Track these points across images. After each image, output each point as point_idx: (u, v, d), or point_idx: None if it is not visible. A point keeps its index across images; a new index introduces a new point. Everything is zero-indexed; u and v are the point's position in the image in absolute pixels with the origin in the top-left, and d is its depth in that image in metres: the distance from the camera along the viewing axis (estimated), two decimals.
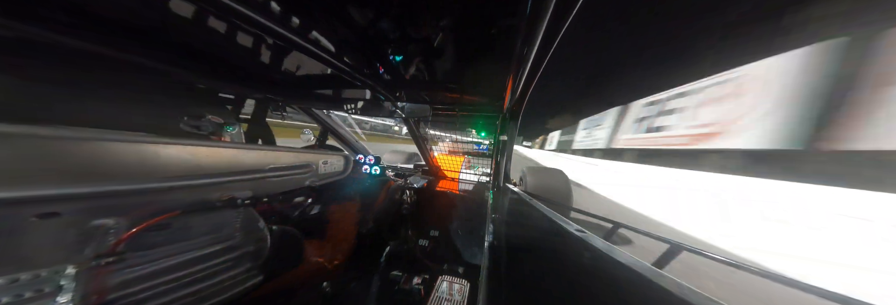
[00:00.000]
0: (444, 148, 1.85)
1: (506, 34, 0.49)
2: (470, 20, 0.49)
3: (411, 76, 0.84)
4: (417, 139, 1.68)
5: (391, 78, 0.86)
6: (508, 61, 0.58)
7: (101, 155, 0.33)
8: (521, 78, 0.68)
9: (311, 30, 0.53)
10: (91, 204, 0.32)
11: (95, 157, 0.32)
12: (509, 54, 0.55)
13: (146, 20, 0.47)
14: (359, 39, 0.58)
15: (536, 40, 0.47)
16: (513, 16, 0.43)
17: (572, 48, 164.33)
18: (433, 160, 1.91)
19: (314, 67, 0.78)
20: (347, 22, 0.51)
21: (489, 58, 0.68)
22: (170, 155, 0.41)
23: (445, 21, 0.49)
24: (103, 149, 0.33)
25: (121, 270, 0.33)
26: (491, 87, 0.92)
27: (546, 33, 0.45)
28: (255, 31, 0.50)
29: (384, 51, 0.65)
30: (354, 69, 0.73)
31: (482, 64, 0.75)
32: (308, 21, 0.50)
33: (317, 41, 0.56)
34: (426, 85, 0.95)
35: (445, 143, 1.83)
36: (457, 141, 2.26)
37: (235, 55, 0.67)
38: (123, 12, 0.44)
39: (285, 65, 0.75)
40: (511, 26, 0.46)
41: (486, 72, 0.81)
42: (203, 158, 0.47)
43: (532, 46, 0.49)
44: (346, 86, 1.03)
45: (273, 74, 0.86)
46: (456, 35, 0.54)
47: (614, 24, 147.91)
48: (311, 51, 0.57)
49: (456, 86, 0.93)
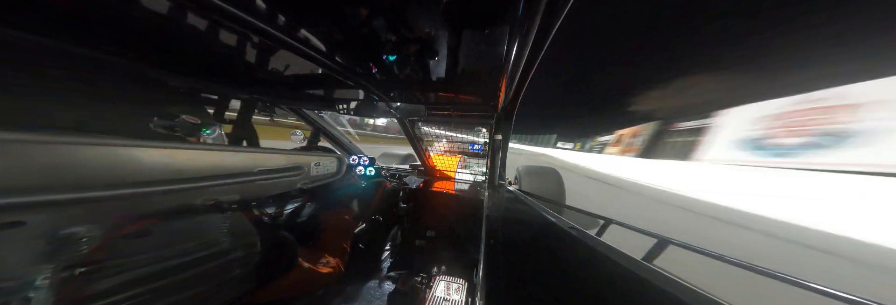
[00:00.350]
0: (439, 148, 1.84)
1: (499, 34, 0.49)
2: (463, 20, 0.49)
3: (405, 76, 0.83)
4: (412, 139, 1.67)
5: (385, 78, 0.84)
6: (502, 61, 0.58)
7: (70, 160, 0.31)
8: (514, 78, 0.68)
9: (299, 28, 0.51)
10: (60, 212, 0.30)
11: (63, 162, 0.30)
12: (503, 54, 0.55)
13: (117, 15, 0.44)
14: (351, 39, 0.56)
15: (529, 40, 0.47)
16: (506, 15, 0.43)
17: (572, 49, 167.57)
18: (428, 160, 1.90)
19: (304, 67, 0.76)
20: (339, 21, 0.49)
21: (483, 57, 0.67)
22: (146, 158, 0.39)
23: (439, 20, 0.48)
24: (71, 153, 0.31)
25: (97, 280, 0.32)
26: (485, 87, 0.92)
27: (538, 33, 0.46)
28: (240, 29, 0.48)
29: (377, 51, 0.64)
30: (347, 69, 0.71)
31: (476, 63, 0.74)
32: (296, 19, 0.48)
33: (306, 40, 0.55)
34: (420, 85, 0.94)
35: (440, 143, 1.82)
36: (452, 140, 2.25)
37: (218, 53, 0.65)
38: (91, 6, 0.41)
39: (272, 64, 0.73)
40: (504, 26, 0.46)
41: (480, 72, 0.80)
42: (184, 161, 0.44)
43: (525, 46, 0.49)
44: (338, 85, 1.01)
45: (259, 73, 0.83)
46: (450, 35, 0.54)
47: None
48: (301, 49, 0.55)
49: (450, 85, 0.92)
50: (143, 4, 0.40)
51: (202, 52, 0.64)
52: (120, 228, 0.35)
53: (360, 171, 1.61)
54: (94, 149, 0.33)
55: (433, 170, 1.97)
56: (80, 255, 0.30)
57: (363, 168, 1.62)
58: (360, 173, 1.60)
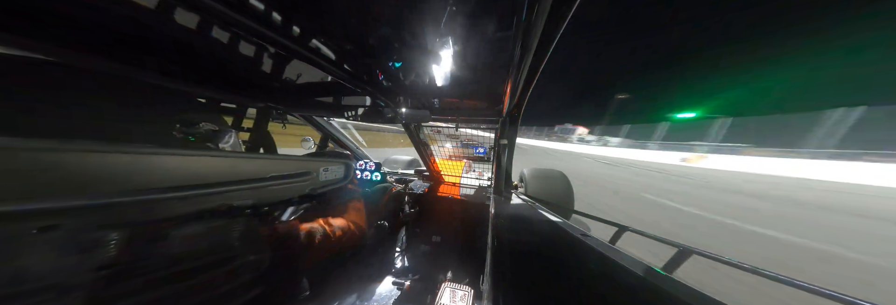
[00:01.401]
0: (444, 153, 1.85)
1: (503, 39, 0.50)
2: (467, 26, 0.50)
3: (411, 82, 0.85)
4: (417, 144, 1.69)
5: (391, 84, 0.87)
6: (507, 65, 0.59)
7: (99, 167, 0.33)
8: (519, 82, 0.69)
9: (311, 38, 0.54)
10: (90, 216, 0.32)
11: (93, 169, 0.32)
12: (507, 59, 0.56)
13: (144, 31, 0.47)
14: (359, 47, 0.58)
15: (533, 45, 0.48)
16: (509, 22, 0.44)
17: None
18: (434, 165, 1.91)
19: (315, 75, 0.79)
20: (348, 30, 0.51)
21: (488, 63, 0.69)
22: (169, 165, 0.41)
23: (444, 27, 0.50)
24: (101, 161, 0.33)
25: (120, 281, 0.33)
26: (490, 92, 0.93)
27: (542, 38, 0.47)
28: (257, 41, 0.51)
29: (384, 59, 0.66)
30: (355, 76, 0.74)
31: (481, 69, 0.76)
32: (309, 29, 0.51)
33: (317, 49, 0.57)
34: (426, 90, 0.96)
35: (446, 148, 1.83)
36: (457, 145, 2.26)
37: (237, 65, 0.68)
38: (121, 22, 0.44)
39: (286, 74, 0.76)
40: (508, 31, 0.47)
41: (485, 77, 0.82)
42: (202, 167, 0.46)
43: (529, 51, 0.50)
44: (346, 93, 1.04)
45: (274, 83, 0.87)
46: (454, 41, 0.55)
47: None
48: (312, 59, 0.58)
49: (455, 91, 0.94)
50: (177, 22, 0.43)
51: (222, 64, 0.68)
52: (143, 232, 0.37)
53: (365, 176, 1.62)
54: (122, 157, 0.35)
55: (438, 175, 1.97)
56: (109, 257, 0.32)
57: (369, 173, 1.64)
58: (366, 178, 1.62)
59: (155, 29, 0.46)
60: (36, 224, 0.27)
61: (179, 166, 0.43)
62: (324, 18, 0.47)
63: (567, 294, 0.46)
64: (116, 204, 0.34)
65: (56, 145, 0.29)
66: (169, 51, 0.57)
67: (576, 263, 0.62)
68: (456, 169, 1.98)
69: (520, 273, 0.52)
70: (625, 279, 0.52)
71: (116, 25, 0.45)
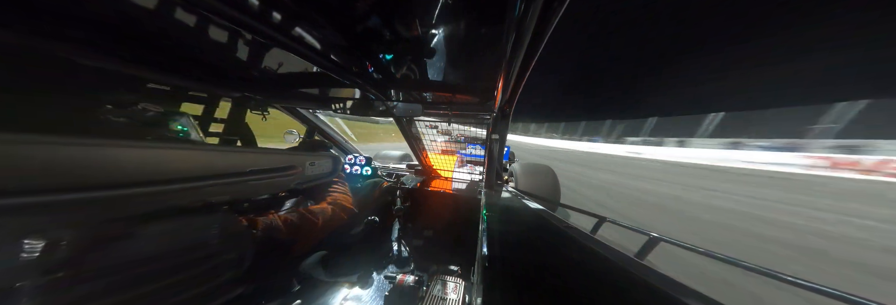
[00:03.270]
0: (436, 147, 1.84)
1: (496, 33, 0.49)
2: (460, 19, 0.48)
3: (402, 75, 0.82)
4: (409, 138, 1.66)
5: (381, 76, 0.83)
6: (499, 60, 0.57)
7: (41, 161, 0.29)
8: (511, 77, 0.67)
9: (293, 26, 0.50)
10: (37, 216, 0.29)
11: (42, 163, 0.29)
12: (499, 53, 0.54)
13: (95, 9, 0.41)
14: (346, 37, 0.55)
15: (526, 39, 0.47)
16: (502, 14, 0.42)
17: None
18: (425, 159, 1.90)
19: (298, 65, 0.75)
20: (333, 19, 0.48)
21: (480, 57, 0.67)
22: (128, 158, 0.37)
23: (436, 20, 0.48)
24: (43, 154, 0.29)
25: (75, 285, 0.31)
26: (482, 86, 0.91)
27: (534, 32, 0.45)
28: (230, 26, 0.47)
29: (374, 50, 0.63)
30: (342, 67, 0.70)
31: (473, 63, 0.74)
32: (290, 17, 0.47)
33: (300, 38, 0.54)
34: (417, 84, 0.93)
35: (437, 142, 1.82)
36: (449, 139, 2.25)
37: (207, 51, 0.63)
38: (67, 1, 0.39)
39: (266, 63, 0.72)
40: (500, 25, 0.45)
41: (478, 72, 0.80)
42: (169, 162, 0.43)
43: (522, 45, 0.49)
44: (333, 84, 1.00)
45: (252, 72, 0.81)
46: (446, 34, 0.53)
47: None
48: (295, 48, 0.54)
49: (447, 85, 0.92)
50: (136, 2, 0.38)
51: (190, 49, 0.62)
52: (104, 231, 0.34)
53: (355, 171, 1.59)
54: (73, 149, 0.32)
55: (430, 170, 1.96)
56: (58, 260, 0.29)
57: (359, 167, 1.61)
58: (356, 173, 1.59)
59: (106, 6, 0.40)
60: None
61: (143, 160, 0.39)
62: (305, 6, 0.43)
63: (555, 282, 0.47)
64: (67, 201, 0.30)
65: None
66: (124, 32, 0.49)
67: (562, 253, 0.64)
68: (448, 163, 1.98)
69: (510, 264, 0.53)
70: (603, 265, 0.56)
71: (54, 1, 0.39)
